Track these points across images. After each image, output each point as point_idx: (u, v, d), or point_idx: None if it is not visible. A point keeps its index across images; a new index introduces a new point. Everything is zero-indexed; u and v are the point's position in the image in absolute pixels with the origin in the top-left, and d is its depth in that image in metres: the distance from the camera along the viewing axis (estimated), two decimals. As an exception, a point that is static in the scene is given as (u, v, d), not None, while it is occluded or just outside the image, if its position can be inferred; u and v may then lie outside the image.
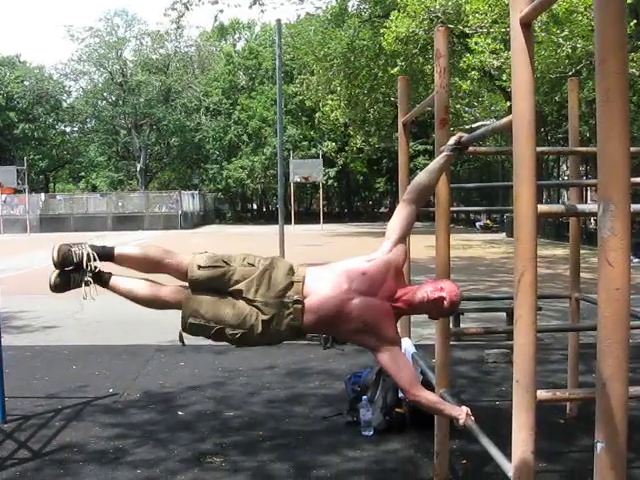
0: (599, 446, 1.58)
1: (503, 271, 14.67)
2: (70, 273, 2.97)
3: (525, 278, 2.04)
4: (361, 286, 2.84)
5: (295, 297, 2.81)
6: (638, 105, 23.31)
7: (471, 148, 3.34)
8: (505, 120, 2.33)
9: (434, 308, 2.93)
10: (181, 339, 2.97)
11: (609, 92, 1.49)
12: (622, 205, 1.49)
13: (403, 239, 3.01)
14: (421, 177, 3.01)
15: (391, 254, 2.93)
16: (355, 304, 2.82)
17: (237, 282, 2.84)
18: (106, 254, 2.96)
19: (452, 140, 2.98)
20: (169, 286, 2.97)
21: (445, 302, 2.89)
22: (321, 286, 2.85)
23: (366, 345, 2.92)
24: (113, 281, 2.99)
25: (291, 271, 2.88)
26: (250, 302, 2.82)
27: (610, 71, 1.49)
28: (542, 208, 2.11)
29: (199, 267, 2.87)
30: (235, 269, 2.86)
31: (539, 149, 2.34)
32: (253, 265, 2.89)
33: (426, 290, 2.90)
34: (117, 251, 2.98)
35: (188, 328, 2.91)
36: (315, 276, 2.90)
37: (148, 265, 2.98)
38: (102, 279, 2.97)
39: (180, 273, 2.94)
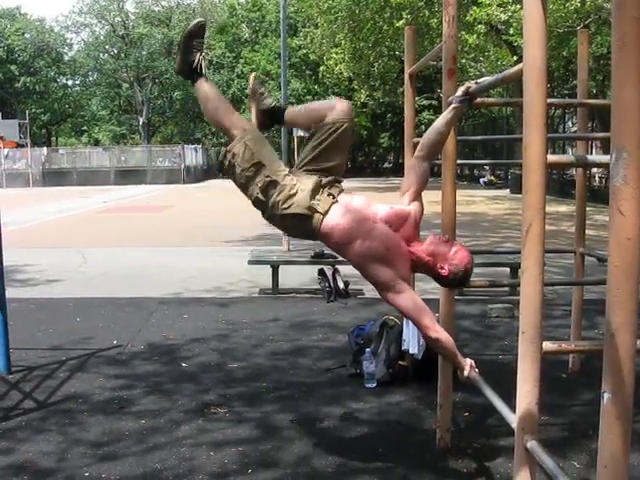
0: (606, 396, 1.57)
1: (506, 227, 14.66)
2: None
3: (533, 229, 2.01)
4: (388, 216, 2.88)
5: (333, 188, 2.92)
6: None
7: (479, 99, 3.28)
8: (516, 68, 2.28)
9: (438, 277, 2.96)
10: (221, 166, 3.08)
11: (625, 37, 1.44)
12: (636, 153, 1.45)
13: (419, 195, 3.01)
14: (432, 132, 2.97)
15: (411, 206, 2.93)
16: (378, 226, 2.84)
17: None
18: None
19: (460, 91, 2.92)
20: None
21: (450, 275, 2.92)
22: (352, 200, 2.92)
23: (382, 279, 2.84)
24: (204, 82, 3.08)
25: (335, 180, 3.00)
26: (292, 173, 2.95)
27: (627, 16, 1.44)
28: (551, 158, 2.08)
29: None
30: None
31: (549, 100, 2.29)
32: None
33: (436, 252, 2.89)
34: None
35: (231, 154, 2.95)
36: (350, 193, 3.00)
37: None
38: (202, 72, 3.08)
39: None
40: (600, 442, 1.62)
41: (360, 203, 2.91)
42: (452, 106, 2.94)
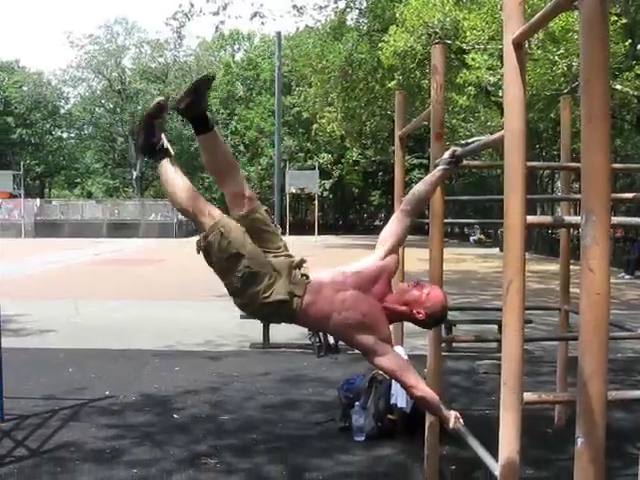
0: (579, 441, 1.69)
1: (496, 285, 14.77)
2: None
3: (513, 285, 2.16)
4: (356, 281, 2.93)
5: (303, 273, 2.90)
6: (632, 123, 23.56)
7: (465, 162, 3.46)
8: (497, 135, 2.45)
9: (416, 322, 3.02)
10: (199, 247, 2.90)
11: (592, 111, 1.61)
12: (602, 216, 1.60)
13: (396, 249, 3.10)
14: (417, 189, 3.11)
15: (385, 261, 3.02)
16: (350, 294, 2.89)
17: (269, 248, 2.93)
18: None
19: (447, 154, 3.09)
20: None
21: (427, 319, 2.97)
22: (322, 276, 2.95)
23: (364, 345, 2.95)
24: (168, 162, 3.09)
25: (303, 263, 2.98)
26: (270, 257, 2.91)
27: (593, 92, 1.61)
28: (531, 219, 2.24)
29: (266, 211, 2.98)
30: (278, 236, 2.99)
31: (530, 163, 2.46)
32: (287, 250, 3.00)
33: (408, 302, 2.96)
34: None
35: (206, 242, 2.83)
36: (317, 272, 3.01)
37: (222, 163, 3.03)
38: (167, 152, 3.10)
39: (239, 195, 2.96)
40: (575, 484, 1.73)
41: (329, 277, 2.95)
42: (438, 168, 3.10)
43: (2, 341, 5.20)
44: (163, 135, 3.09)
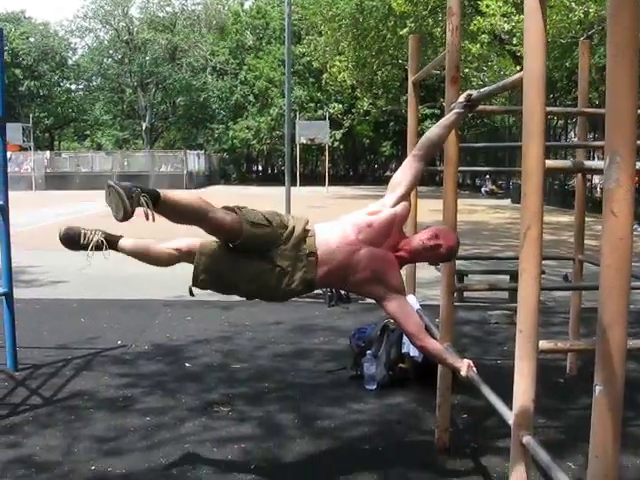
0: (597, 389, 1.65)
1: (508, 236, 14.74)
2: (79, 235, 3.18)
3: (531, 232, 2.10)
4: (367, 237, 2.92)
5: (308, 250, 2.87)
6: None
7: (480, 107, 3.37)
8: (516, 77, 2.36)
9: (432, 255, 3.07)
10: (191, 292, 2.97)
11: (619, 46, 1.53)
12: (628, 157, 1.53)
13: (408, 195, 3.06)
14: (431, 133, 3.04)
15: (397, 208, 2.98)
16: (363, 254, 2.89)
17: (276, 246, 2.86)
18: (153, 196, 2.76)
19: (462, 97, 3.01)
20: (180, 238, 3.01)
21: (442, 249, 3.03)
22: (330, 239, 2.91)
23: (375, 295, 3.00)
24: (122, 242, 3.12)
25: (306, 225, 2.94)
26: (266, 257, 2.85)
27: (621, 26, 1.53)
28: (549, 163, 2.17)
29: (252, 224, 2.80)
30: (274, 231, 2.85)
31: (548, 109, 2.37)
32: (285, 228, 2.89)
33: (421, 239, 3.01)
34: (163, 196, 2.78)
35: (200, 283, 2.91)
36: (323, 230, 2.96)
37: (190, 215, 2.84)
38: (112, 241, 3.14)
39: (221, 229, 2.82)
40: (592, 433, 1.69)
41: (339, 237, 2.91)
42: (453, 111, 3.02)
43: (15, 292, 5.22)
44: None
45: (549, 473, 2.10)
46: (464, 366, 3.00)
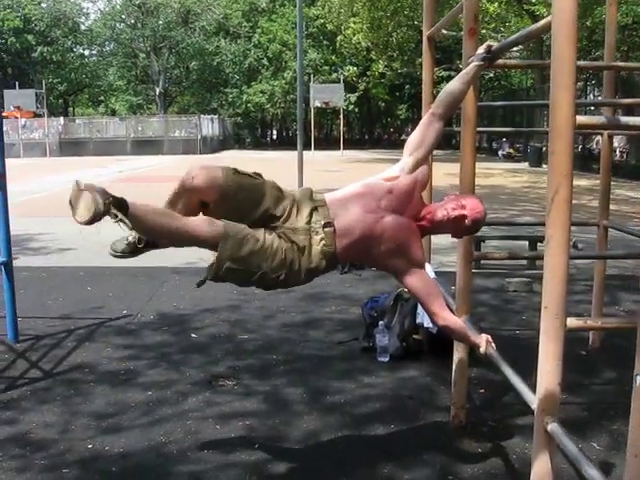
0: (638, 379, 1.44)
1: (525, 200, 14.43)
2: None
3: (560, 195, 1.86)
4: (390, 204, 2.63)
5: (324, 220, 2.57)
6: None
7: (500, 61, 3.11)
8: (543, 22, 2.10)
9: (456, 227, 2.78)
10: (200, 283, 2.67)
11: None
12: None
13: (427, 158, 2.79)
14: (449, 88, 2.77)
15: (417, 173, 2.71)
16: (387, 222, 2.61)
17: (269, 207, 2.53)
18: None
19: (481, 49, 2.76)
20: (199, 218, 2.55)
21: (467, 220, 2.73)
22: (348, 208, 2.61)
23: (396, 268, 2.72)
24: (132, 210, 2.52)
25: (312, 195, 2.64)
26: (283, 234, 2.52)
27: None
28: (581, 119, 1.91)
29: (235, 172, 2.51)
30: (267, 186, 2.55)
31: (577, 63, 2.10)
32: (281, 191, 2.59)
33: (446, 207, 2.72)
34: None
35: (223, 274, 2.54)
36: (338, 199, 2.66)
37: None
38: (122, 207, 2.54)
39: (207, 189, 2.53)
40: (630, 429, 1.49)
41: (360, 207, 2.61)
42: (473, 64, 2.76)
43: (22, 260, 5.06)
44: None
45: (577, 465, 1.88)
46: (483, 341, 2.79)
